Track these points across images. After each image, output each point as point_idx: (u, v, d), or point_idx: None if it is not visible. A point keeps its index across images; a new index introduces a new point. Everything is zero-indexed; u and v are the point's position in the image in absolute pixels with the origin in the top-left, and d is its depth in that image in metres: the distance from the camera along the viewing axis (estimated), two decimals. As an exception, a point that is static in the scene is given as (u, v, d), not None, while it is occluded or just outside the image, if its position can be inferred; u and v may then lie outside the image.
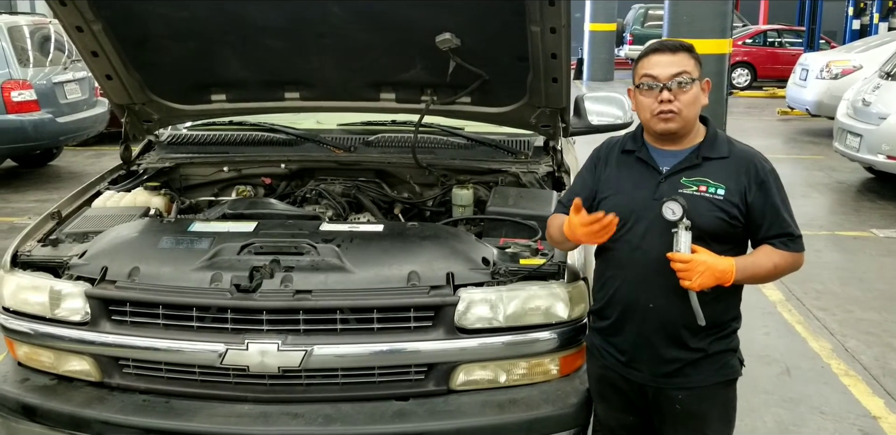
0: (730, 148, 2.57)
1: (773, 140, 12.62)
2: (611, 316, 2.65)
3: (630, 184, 2.59)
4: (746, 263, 2.48)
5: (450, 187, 3.78)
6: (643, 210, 2.52)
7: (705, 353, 2.57)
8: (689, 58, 2.50)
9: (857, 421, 4.18)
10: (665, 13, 9.30)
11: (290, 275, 2.82)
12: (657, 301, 2.53)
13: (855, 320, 5.53)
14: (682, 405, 2.62)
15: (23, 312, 3.02)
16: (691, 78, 2.47)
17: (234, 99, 3.94)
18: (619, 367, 2.67)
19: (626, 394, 2.71)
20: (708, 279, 2.40)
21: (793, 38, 20.84)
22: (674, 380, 2.60)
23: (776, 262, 2.53)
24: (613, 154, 2.68)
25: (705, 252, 2.42)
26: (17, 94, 8.93)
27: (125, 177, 4.00)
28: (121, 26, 3.48)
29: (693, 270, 2.38)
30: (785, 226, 2.53)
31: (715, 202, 2.48)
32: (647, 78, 2.49)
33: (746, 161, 2.54)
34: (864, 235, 7.57)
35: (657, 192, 2.51)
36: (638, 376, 2.64)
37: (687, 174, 2.52)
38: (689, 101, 2.48)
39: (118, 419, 2.81)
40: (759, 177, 2.51)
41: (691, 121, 2.53)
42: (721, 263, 2.42)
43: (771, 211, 2.51)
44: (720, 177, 2.50)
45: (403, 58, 3.57)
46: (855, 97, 9.47)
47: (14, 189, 9.33)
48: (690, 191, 2.49)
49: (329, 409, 2.80)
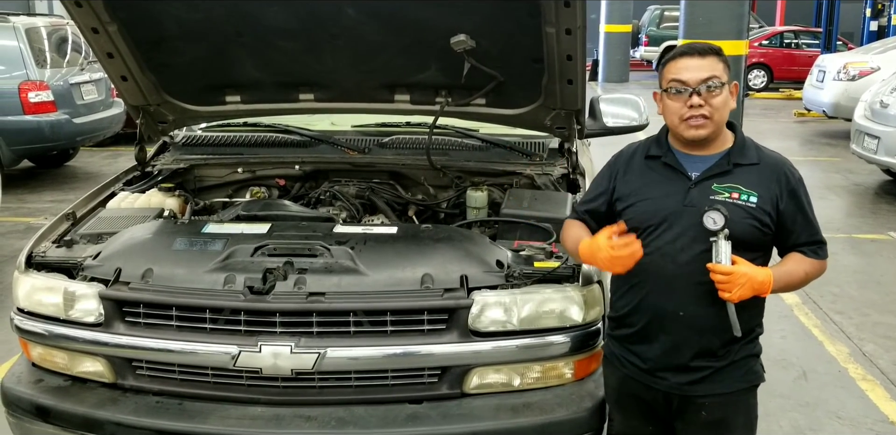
0: (759, 154, 2.53)
1: (790, 142, 12.55)
2: (636, 323, 2.59)
3: (658, 190, 2.53)
4: (781, 273, 2.45)
5: (464, 189, 3.77)
6: (673, 216, 2.47)
7: (732, 360, 2.54)
8: (718, 61, 2.45)
9: (875, 426, 4.14)
10: (681, 14, 9.28)
11: (303, 277, 2.82)
12: (687, 309, 2.48)
13: (872, 324, 5.49)
14: (707, 412, 2.58)
15: (37, 313, 3.03)
16: (721, 82, 2.42)
17: (248, 100, 3.94)
18: (641, 375, 2.62)
19: (648, 403, 2.66)
20: (747, 291, 2.36)
21: (810, 39, 20.75)
22: (700, 387, 2.56)
23: (807, 270, 2.52)
24: (636, 160, 2.62)
25: (745, 263, 2.38)
26: (34, 95, 8.97)
27: (140, 178, 4.01)
28: (136, 28, 3.48)
29: (734, 282, 2.33)
30: (814, 233, 2.53)
31: (748, 210, 2.44)
32: (676, 82, 2.44)
33: (777, 168, 2.51)
34: (882, 238, 7.51)
35: (687, 198, 2.47)
36: (663, 384, 2.59)
37: (718, 180, 2.48)
38: (720, 105, 2.43)
39: (131, 421, 2.81)
40: (790, 185, 2.49)
41: (721, 125, 2.49)
42: (760, 275, 2.38)
43: (802, 219, 2.50)
44: (751, 184, 2.47)
45: (418, 59, 3.56)
46: (872, 99, 9.40)
47: (31, 189, 9.38)
48: (722, 198, 2.44)
49: (342, 411, 2.79)
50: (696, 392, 2.57)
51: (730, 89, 2.47)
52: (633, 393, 2.68)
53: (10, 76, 8.98)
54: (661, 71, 2.53)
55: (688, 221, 2.43)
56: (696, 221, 2.40)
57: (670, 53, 2.53)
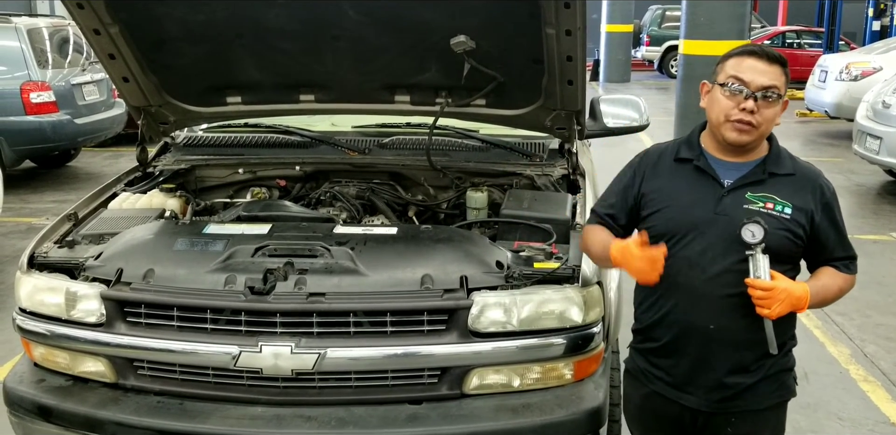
0: (794, 165, 2.46)
1: (792, 142, 12.52)
2: (662, 337, 2.50)
3: (687, 196, 2.43)
4: (818, 289, 2.39)
5: (464, 190, 3.77)
6: (703, 225, 2.37)
7: (763, 375, 2.46)
8: (782, 73, 2.35)
9: (876, 427, 4.14)
10: (682, 14, 9.26)
11: (303, 277, 2.82)
12: (718, 322, 2.39)
13: (874, 325, 5.49)
14: (733, 428, 2.51)
15: (39, 313, 3.03)
16: (779, 94, 2.34)
17: (249, 101, 3.95)
18: (668, 390, 2.54)
19: (672, 420, 2.57)
20: (786, 307, 2.28)
21: (812, 39, 20.74)
22: (731, 403, 2.48)
23: (841, 285, 2.47)
24: (664, 163, 2.51)
25: (783, 278, 2.29)
26: (36, 96, 8.98)
27: (141, 178, 4.01)
28: (138, 29, 3.49)
29: (775, 298, 2.25)
30: (848, 248, 2.50)
31: (782, 221, 2.36)
32: (737, 80, 2.33)
33: (813, 180, 2.44)
34: (884, 239, 7.51)
35: (719, 206, 2.38)
36: (691, 401, 2.50)
37: (752, 189, 2.39)
38: (770, 117, 2.35)
39: (132, 420, 2.82)
40: (825, 198, 2.43)
41: (764, 137, 2.41)
42: (797, 290, 2.30)
43: (835, 233, 2.46)
44: (786, 194, 2.39)
45: (418, 60, 3.57)
46: (875, 99, 9.39)
47: (32, 190, 9.39)
48: (756, 207, 2.36)
49: (342, 412, 2.80)
50: (726, 409, 2.49)
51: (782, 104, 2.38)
52: (656, 409, 2.60)
53: (11, 77, 9.00)
54: (722, 63, 2.40)
55: (719, 230, 2.35)
56: (728, 230, 2.32)
57: (737, 49, 2.41)
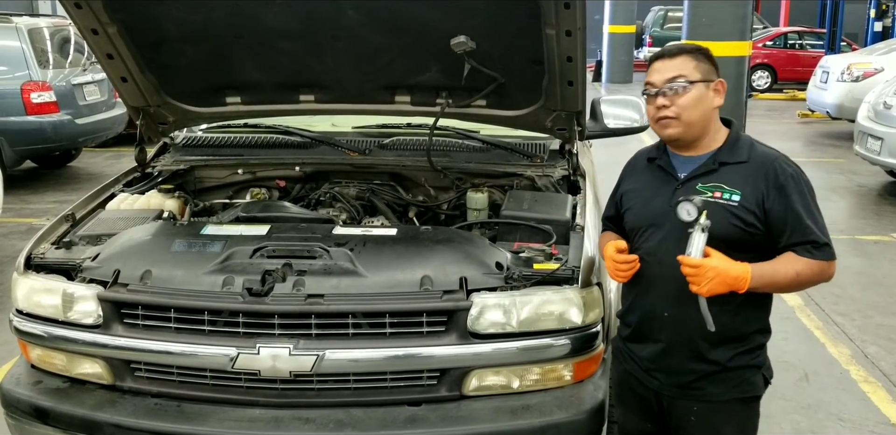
0: (751, 152, 2.48)
1: (794, 143, 12.53)
2: (632, 323, 2.66)
3: (649, 192, 2.57)
4: (765, 270, 2.36)
5: (464, 191, 3.76)
6: (660, 218, 2.49)
7: (724, 367, 2.51)
8: (689, 60, 2.44)
9: (877, 428, 4.13)
10: (684, 15, 9.26)
11: (302, 279, 2.81)
12: (672, 310, 2.50)
13: (875, 326, 5.47)
14: (696, 418, 2.57)
15: (36, 315, 3.02)
16: (687, 81, 2.41)
17: (248, 101, 3.93)
18: (638, 372, 2.67)
19: (644, 400, 2.69)
20: (718, 285, 2.30)
21: (814, 40, 20.70)
22: (688, 391, 2.56)
23: (799, 269, 2.40)
24: (640, 164, 2.69)
25: (719, 256, 2.32)
26: (36, 96, 8.99)
27: (140, 179, 4.00)
28: (136, 29, 3.48)
29: (702, 275, 2.29)
30: (808, 233, 2.40)
31: (729, 208, 2.40)
32: (647, 85, 2.49)
33: (766, 165, 2.44)
34: (885, 240, 7.50)
35: (673, 198, 2.46)
36: (654, 384, 2.63)
37: (703, 180, 2.47)
38: (687, 104, 2.42)
39: (130, 423, 2.80)
40: (777, 181, 2.41)
41: (695, 124, 2.45)
42: (734, 269, 2.31)
43: (792, 217, 2.40)
44: (736, 182, 2.43)
45: (418, 60, 3.55)
46: (876, 100, 9.38)
47: (33, 190, 9.39)
48: (705, 197, 2.41)
49: (341, 414, 2.78)
50: (684, 396, 2.58)
51: (713, 87, 2.45)
52: (632, 388, 2.72)
53: (12, 77, 9.01)
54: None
55: (673, 222, 2.42)
56: (679, 221, 2.39)
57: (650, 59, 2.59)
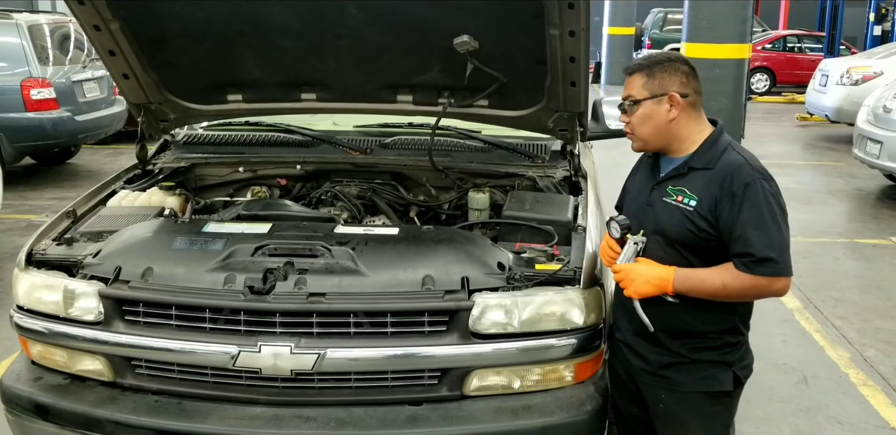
0: (720, 158, 2.52)
1: (792, 146, 12.54)
2: (616, 313, 2.86)
3: (636, 190, 2.75)
4: (689, 276, 2.49)
5: (466, 191, 3.76)
6: (640, 215, 2.65)
7: (687, 358, 2.63)
8: (638, 78, 2.58)
9: (876, 432, 4.13)
10: (684, 17, 9.25)
11: (303, 277, 2.81)
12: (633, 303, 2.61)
13: (873, 329, 5.48)
14: (664, 405, 2.72)
15: (37, 311, 3.02)
16: (633, 100, 2.58)
17: (250, 99, 3.93)
18: (623, 348, 2.82)
19: (626, 382, 2.86)
20: (643, 286, 2.51)
21: (813, 43, 20.71)
22: (656, 378, 2.70)
23: (727, 281, 2.43)
24: (643, 163, 2.81)
25: (647, 262, 2.54)
26: (36, 93, 8.97)
27: (141, 176, 3.99)
28: (138, 26, 3.48)
29: (626, 278, 2.53)
30: (746, 245, 2.39)
31: (685, 213, 2.52)
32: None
33: (725, 173, 2.48)
34: (884, 243, 7.50)
35: (649, 198, 2.64)
36: (630, 367, 2.79)
37: (673, 183, 2.59)
38: (636, 122, 2.60)
39: (130, 420, 2.80)
40: (730, 190, 2.44)
41: (650, 139, 2.61)
42: (656, 271, 2.50)
43: (737, 227, 2.41)
44: (697, 188, 2.53)
45: (421, 60, 3.55)
46: (875, 104, 9.39)
47: (32, 187, 9.37)
48: (671, 200, 2.56)
49: (341, 412, 2.78)
50: (654, 382, 2.72)
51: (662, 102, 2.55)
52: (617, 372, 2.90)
53: (12, 73, 8.98)
54: None
55: (647, 220, 2.61)
56: (650, 220, 2.59)
57: None
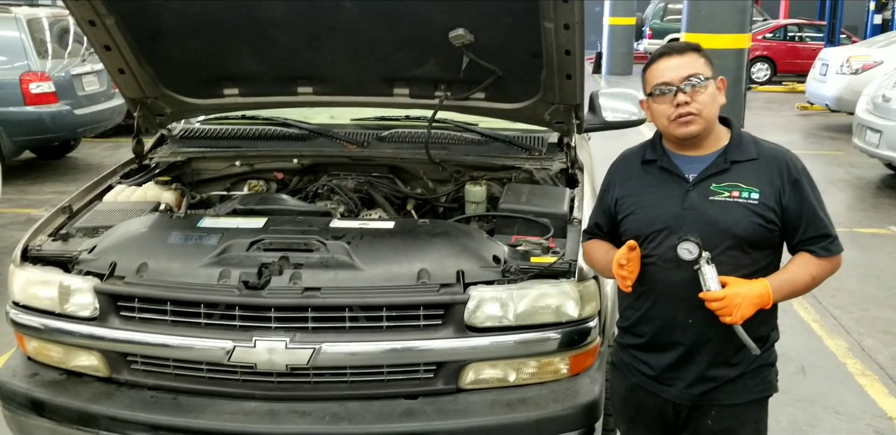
0: (757, 149, 2.45)
1: (793, 135, 12.52)
2: (646, 333, 2.53)
3: (655, 196, 2.46)
4: (782, 281, 2.37)
5: (463, 183, 3.75)
6: (674, 221, 2.40)
7: (745, 368, 2.47)
8: (698, 57, 2.39)
9: (873, 422, 4.14)
10: (684, 7, 9.25)
11: (299, 272, 2.80)
12: (696, 315, 2.40)
13: (871, 319, 5.48)
14: (713, 421, 2.51)
15: (32, 307, 3.02)
16: (704, 77, 2.36)
17: (246, 93, 3.91)
18: (649, 383, 2.56)
19: (655, 413, 2.59)
20: (748, 309, 2.29)
21: (813, 32, 20.65)
22: (711, 396, 2.49)
23: (814, 273, 2.41)
24: (633, 167, 2.56)
25: (736, 282, 2.31)
26: (35, 86, 8.96)
27: (137, 171, 3.99)
28: (133, 20, 3.46)
29: (730, 305, 2.27)
30: (822, 226, 2.42)
31: (750, 207, 2.36)
32: (660, 85, 2.38)
33: (777, 161, 2.41)
34: (883, 233, 7.50)
35: (686, 201, 2.40)
36: (671, 394, 2.52)
37: (716, 180, 2.41)
38: (707, 100, 2.37)
39: (126, 415, 2.81)
40: (791, 176, 2.39)
41: (712, 121, 2.41)
42: (755, 289, 2.31)
43: (808, 211, 2.40)
44: (751, 180, 2.39)
45: (417, 53, 3.54)
46: (875, 93, 9.37)
47: (32, 181, 9.38)
48: (722, 197, 2.38)
49: (337, 407, 2.79)
50: (706, 401, 2.50)
51: (717, 84, 2.41)
52: (640, 402, 2.61)
53: (11, 67, 8.98)
54: (644, 77, 2.47)
55: (690, 225, 2.36)
56: (697, 225, 2.35)
57: (649, 59, 2.48)
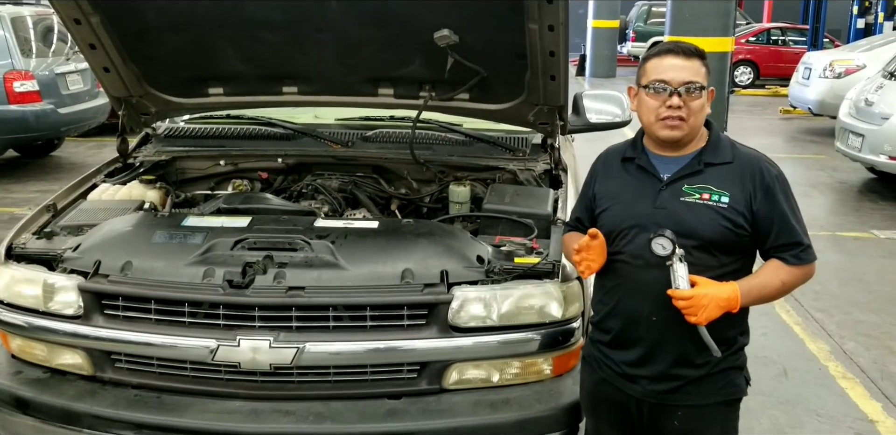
0: (734, 152, 2.45)
1: (775, 139, 12.59)
2: (612, 329, 2.54)
3: (630, 193, 2.48)
4: (752, 286, 2.37)
5: (447, 184, 3.76)
6: (644, 219, 2.41)
7: (710, 370, 2.46)
8: (701, 65, 2.39)
9: (854, 424, 4.17)
10: (668, 10, 9.29)
11: (283, 271, 2.81)
12: (660, 314, 2.40)
13: (854, 322, 5.52)
14: (679, 423, 2.50)
15: (16, 305, 3.01)
16: (701, 86, 2.37)
17: (231, 92, 3.92)
18: (616, 380, 2.56)
19: (620, 408, 2.59)
20: (714, 311, 2.28)
21: (796, 36, 20.78)
22: (674, 396, 2.48)
23: (784, 280, 2.41)
24: (614, 164, 2.58)
25: (706, 283, 2.31)
26: (19, 85, 8.92)
27: (121, 170, 3.98)
28: (118, 19, 3.46)
29: (697, 304, 2.27)
30: (794, 235, 2.41)
31: (719, 211, 2.37)
32: (659, 81, 2.37)
33: (751, 166, 2.42)
34: (865, 236, 7.55)
35: (658, 200, 2.42)
36: (636, 390, 2.52)
37: (689, 181, 2.41)
38: (697, 108, 2.38)
39: (109, 414, 2.80)
40: (764, 182, 2.39)
41: (696, 129, 2.42)
42: (724, 292, 2.31)
43: (779, 218, 2.39)
44: (724, 183, 2.39)
45: (402, 53, 3.55)
46: (858, 97, 9.43)
47: (15, 179, 9.33)
48: (693, 199, 2.38)
49: (320, 406, 2.79)
50: (669, 401, 2.49)
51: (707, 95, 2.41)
52: (606, 397, 2.62)
53: (-5, 65, 8.93)
54: (644, 66, 2.45)
55: (660, 223, 2.36)
56: (666, 224, 2.35)
57: (654, 50, 2.46)
